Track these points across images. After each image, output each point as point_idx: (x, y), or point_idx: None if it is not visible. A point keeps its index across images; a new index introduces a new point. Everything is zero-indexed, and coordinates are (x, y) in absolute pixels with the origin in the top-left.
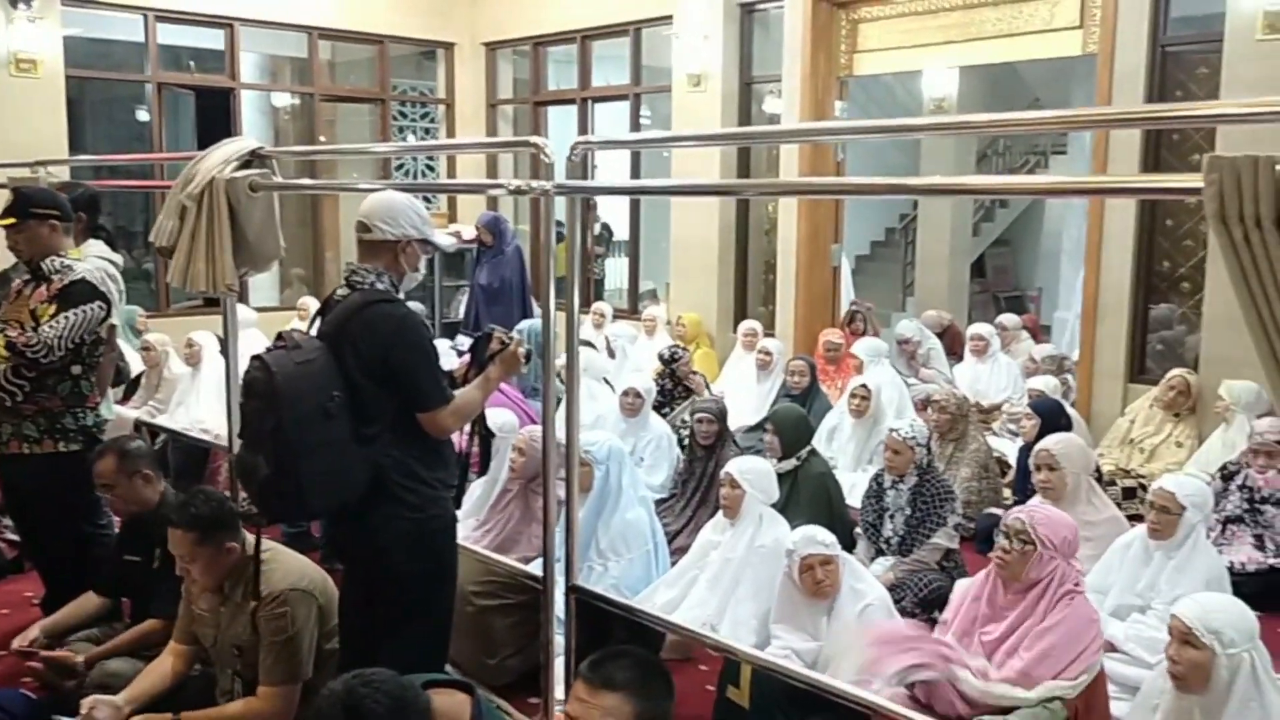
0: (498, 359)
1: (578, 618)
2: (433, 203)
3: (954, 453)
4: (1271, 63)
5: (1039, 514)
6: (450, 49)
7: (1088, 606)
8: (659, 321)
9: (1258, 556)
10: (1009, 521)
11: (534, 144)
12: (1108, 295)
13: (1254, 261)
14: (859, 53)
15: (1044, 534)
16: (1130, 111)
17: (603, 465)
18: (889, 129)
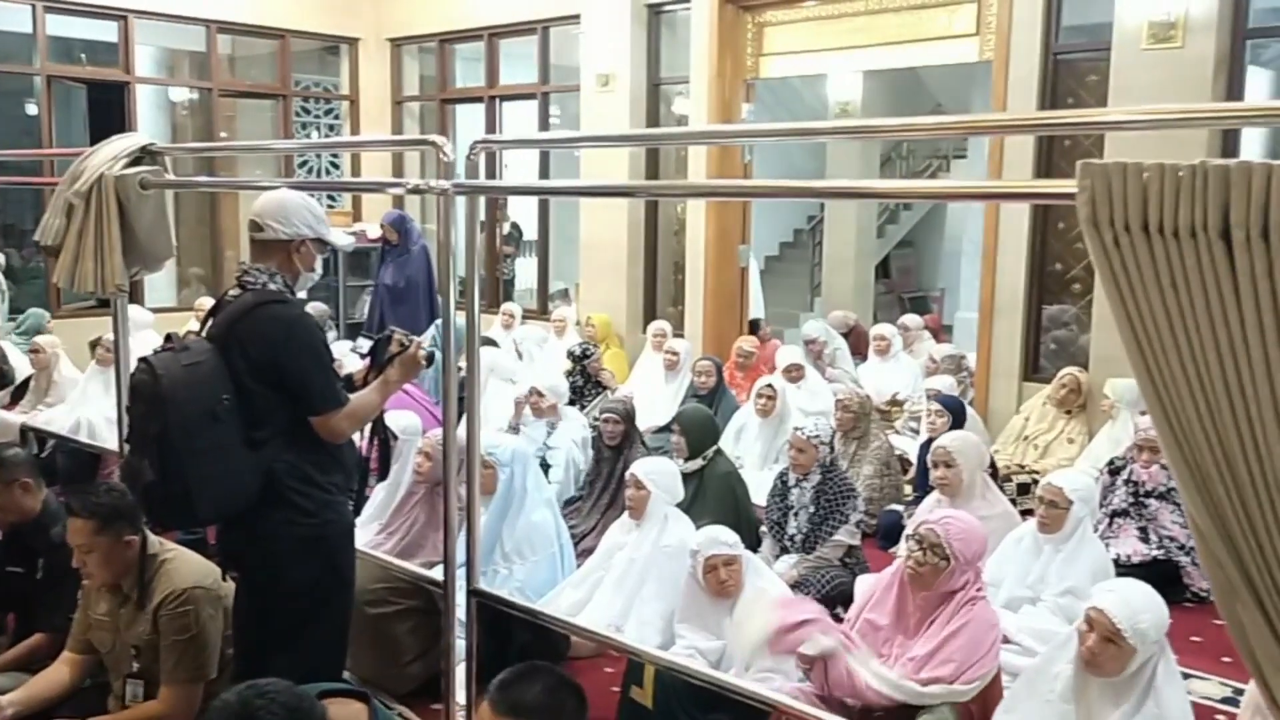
0: (397, 361)
1: (480, 622)
2: (337, 201)
3: (857, 451)
4: (1156, 71)
5: (954, 527)
6: (354, 44)
7: (989, 611)
8: (569, 322)
9: (1142, 548)
10: (923, 531)
11: (433, 142)
12: (1003, 296)
13: (1123, 264)
14: (765, 56)
15: (960, 549)
16: (1023, 118)
17: (507, 467)
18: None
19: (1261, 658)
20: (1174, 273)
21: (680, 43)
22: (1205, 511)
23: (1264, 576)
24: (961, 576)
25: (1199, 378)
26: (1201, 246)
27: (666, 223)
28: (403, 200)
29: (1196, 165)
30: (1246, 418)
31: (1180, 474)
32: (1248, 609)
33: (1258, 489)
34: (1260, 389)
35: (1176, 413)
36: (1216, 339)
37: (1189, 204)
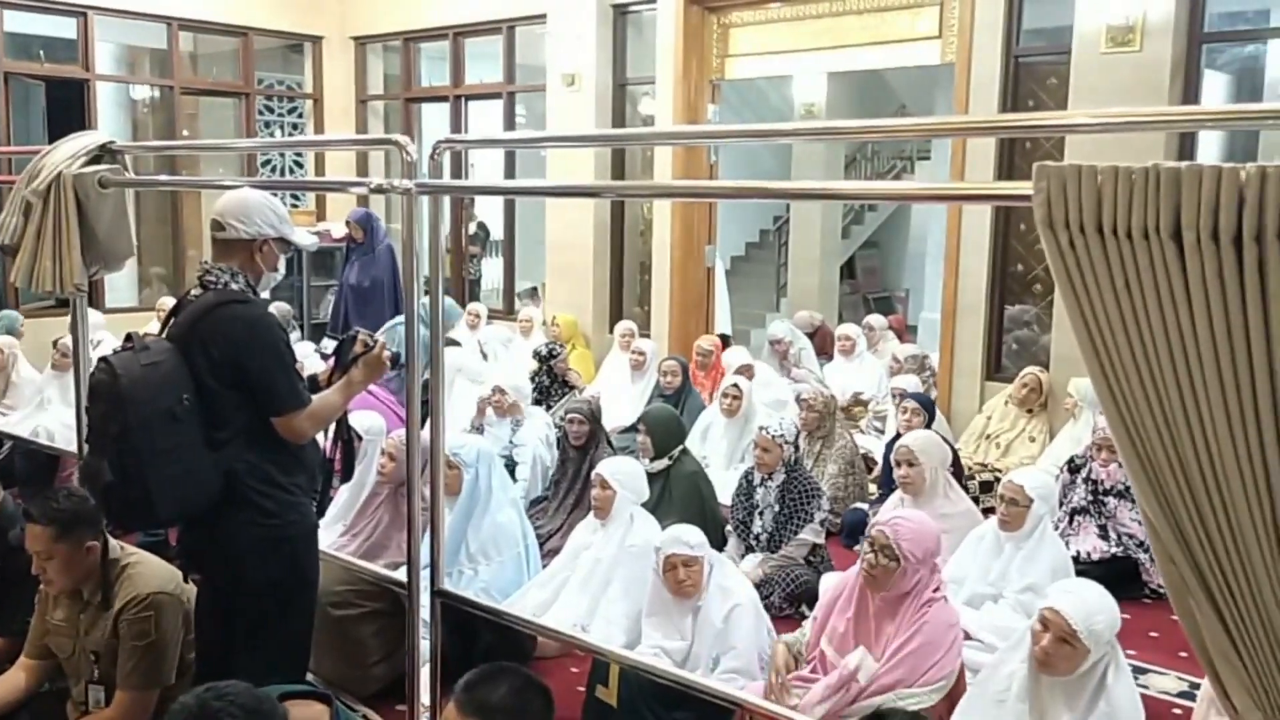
0: (361, 362)
1: (445, 623)
2: (301, 200)
3: (821, 450)
4: (1115, 74)
5: (904, 527)
6: (318, 43)
7: (947, 611)
8: (535, 322)
9: (1102, 546)
10: (874, 534)
11: (396, 142)
12: (966, 296)
13: (1077, 265)
14: (730, 57)
15: (908, 549)
16: (984, 120)
17: (472, 468)
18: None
19: (1213, 651)
20: (1127, 274)
21: (646, 43)
22: (1158, 508)
23: (1215, 572)
24: (914, 576)
25: (1152, 377)
26: (1154, 248)
27: (632, 223)
28: (367, 200)
29: (1149, 168)
30: (1198, 416)
31: (1134, 471)
32: (1200, 604)
33: (1209, 486)
34: (1211, 388)
35: (1130, 411)
36: (1169, 339)
37: (1141, 206)
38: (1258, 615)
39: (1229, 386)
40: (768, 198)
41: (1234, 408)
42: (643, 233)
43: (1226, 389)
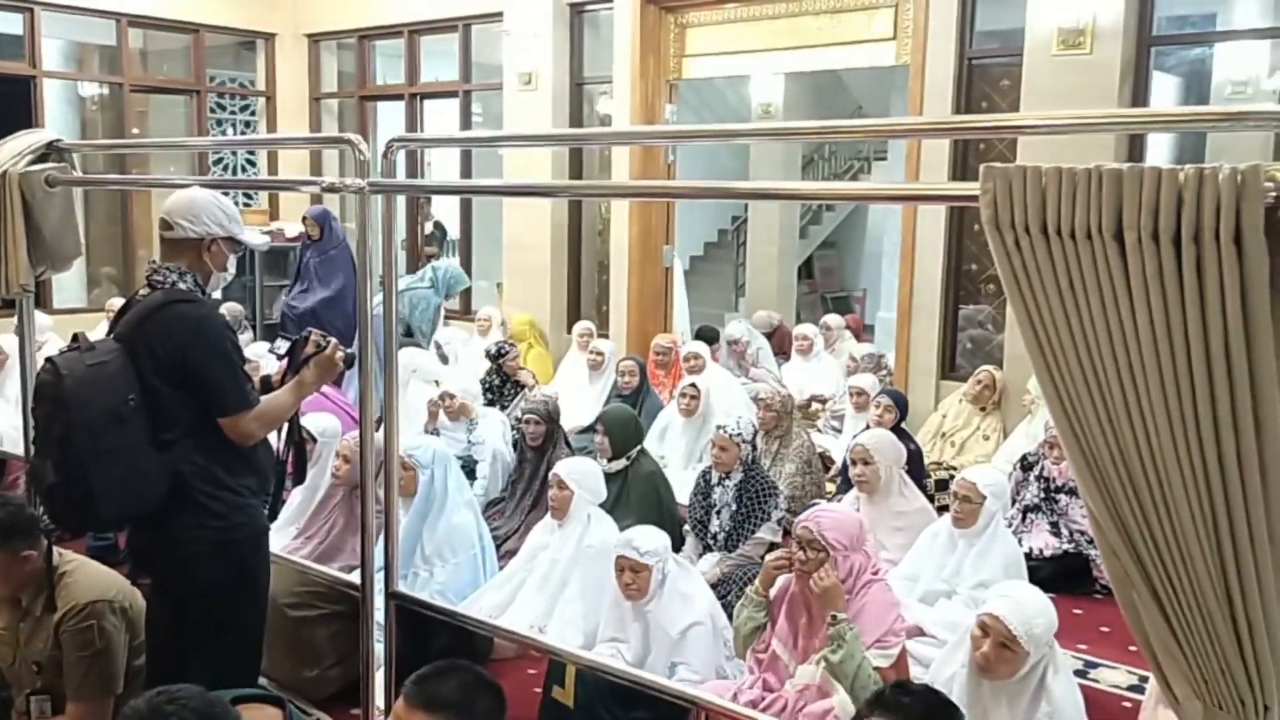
0: (313, 362)
1: (399, 625)
2: (253, 200)
3: (779, 449)
4: (1066, 77)
5: (825, 518)
6: (271, 40)
7: (887, 591)
8: (493, 322)
9: (1054, 542)
10: (798, 532)
11: (349, 140)
12: (921, 296)
13: (1023, 264)
14: (687, 56)
15: (833, 538)
16: (939, 122)
17: (427, 469)
18: (718, 134)
19: (1155, 643)
20: (1071, 273)
21: (603, 42)
22: (1102, 503)
23: (1157, 565)
24: (846, 563)
25: (1095, 374)
26: (1096, 248)
27: (590, 223)
28: (322, 200)
29: (1091, 169)
30: (1139, 412)
31: (1078, 467)
32: (1142, 597)
33: (1150, 481)
34: (1151, 384)
35: (1074, 408)
36: (1111, 337)
37: (1084, 207)
38: (1197, 608)
39: (1169, 383)
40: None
41: (1174, 403)
42: (601, 232)
43: (1166, 385)
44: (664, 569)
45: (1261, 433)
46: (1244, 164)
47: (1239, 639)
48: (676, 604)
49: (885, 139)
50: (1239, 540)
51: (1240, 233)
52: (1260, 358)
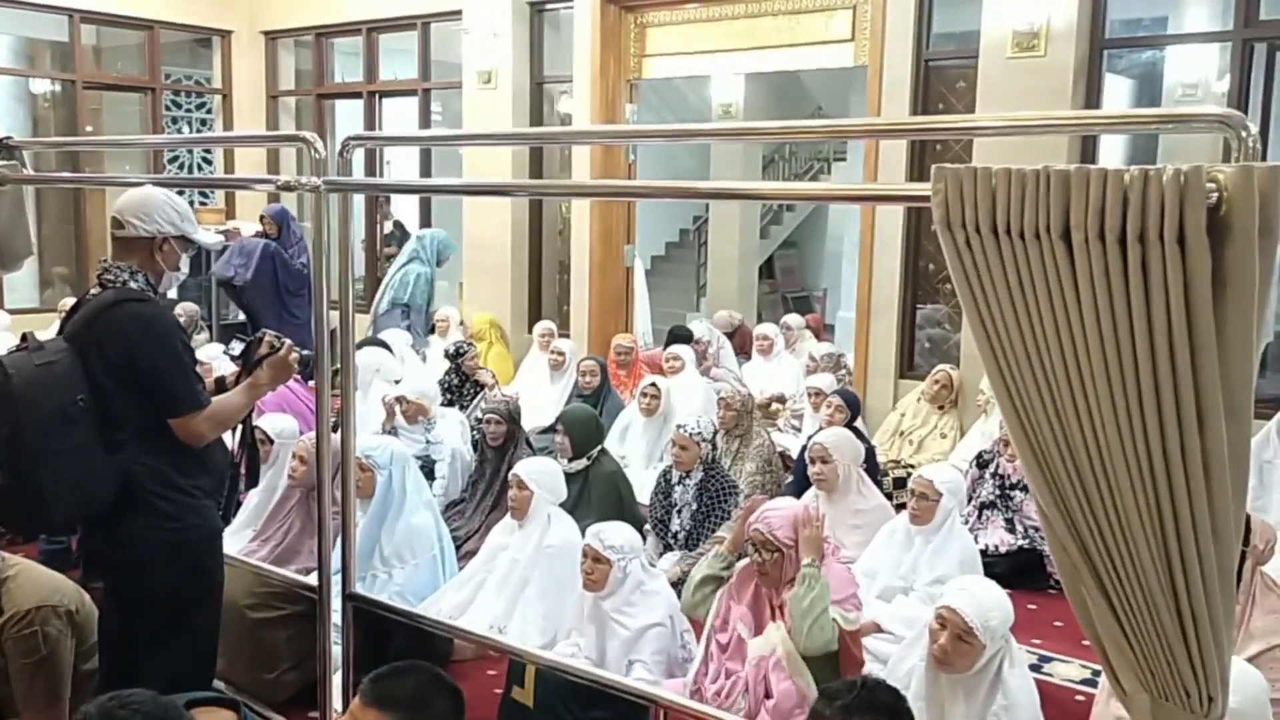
0: (266, 363)
1: (357, 627)
2: (210, 198)
3: (739, 448)
4: (1021, 79)
5: (773, 518)
6: (227, 37)
7: (846, 571)
8: (452, 322)
9: (1009, 539)
10: (751, 534)
11: (304, 138)
12: (880, 295)
13: (974, 264)
14: (648, 56)
15: (784, 536)
16: (896, 123)
17: (385, 470)
18: (678, 133)
19: (1103, 636)
20: (1020, 272)
21: (563, 41)
22: (1050, 498)
23: (1104, 559)
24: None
25: (1043, 371)
26: (1045, 247)
27: (551, 222)
28: (279, 197)
29: (1040, 170)
30: (1087, 408)
31: (1028, 463)
32: (1090, 591)
33: (1097, 476)
34: (1099, 382)
35: (1024, 404)
36: (1059, 335)
37: (1033, 207)
38: (1144, 601)
39: (1115, 380)
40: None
41: (1120, 400)
42: (561, 232)
43: (1113, 382)
44: (626, 567)
45: (1204, 429)
46: (1187, 165)
47: (1184, 631)
48: (637, 602)
49: (844, 139)
50: (1183, 534)
51: (1183, 233)
52: (1203, 355)
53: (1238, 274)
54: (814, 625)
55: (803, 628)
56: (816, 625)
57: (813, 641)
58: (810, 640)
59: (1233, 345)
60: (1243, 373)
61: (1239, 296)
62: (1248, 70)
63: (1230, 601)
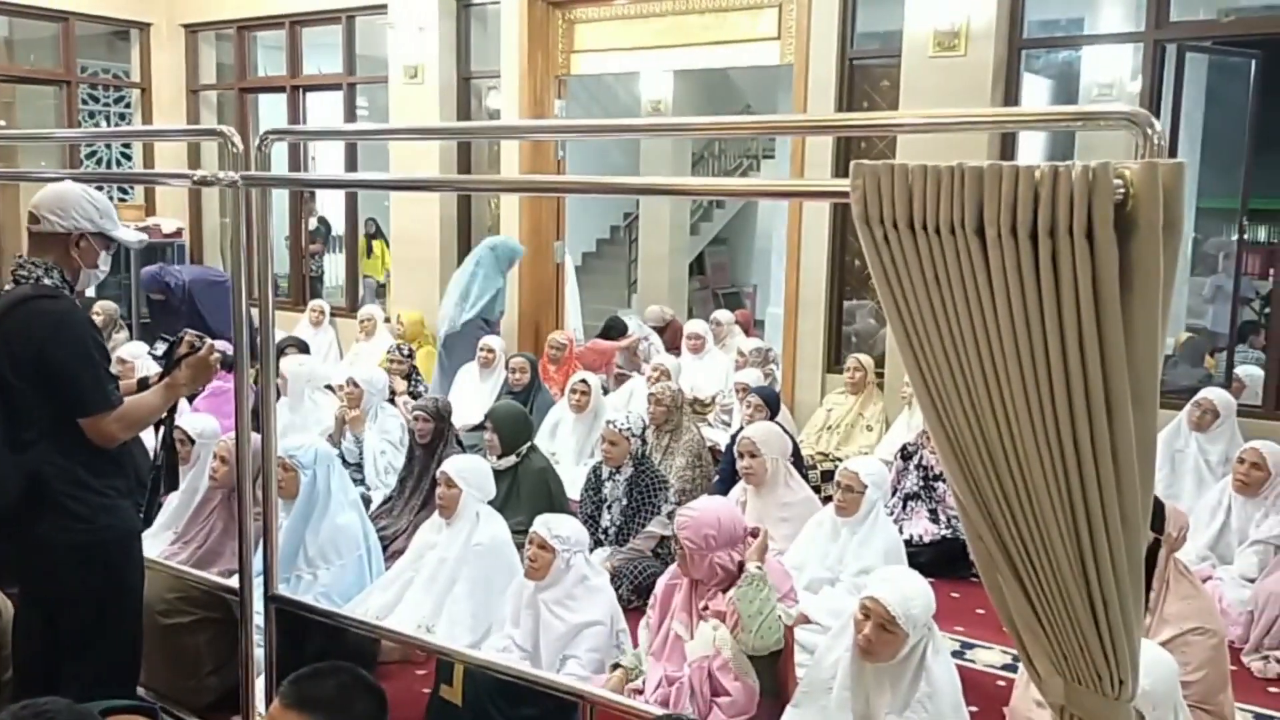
0: (185, 363)
1: (280, 629)
2: (129, 194)
3: (669, 443)
4: (942, 77)
5: (686, 526)
6: (145, 29)
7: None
8: (377, 321)
9: (932, 529)
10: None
11: (221, 132)
12: (807, 291)
13: (891, 258)
14: (576, 52)
15: (686, 536)
16: (821, 119)
17: (309, 470)
18: (606, 128)
19: (1018, 622)
20: (936, 267)
21: (491, 37)
22: (966, 488)
23: (1018, 546)
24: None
25: (959, 363)
26: (960, 242)
27: (480, 218)
28: (200, 194)
29: (954, 167)
30: (1000, 399)
31: (944, 453)
32: (1006, 578)
33: (1010, 465)
34: (1012, 373)
35: (940, 396)
36: (974, 328)
37: (948, 203)
38: (1057, 587)
39: (1027, 370)
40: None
41: (1032, 390)
42: (491, 228)
43: (1025, 373)
44: (570, 559)
45: (1113, 417)
46: (1095, 162)
47: (1095, 616)
48: (579, 597)
49: (770, 136)
50: (1094, 521)
51: (1091, 227)
52: (1111, 346)
53: (1143, 267)
54: (764, 626)
55: (753, 628)
56: (766, 626)
57: (763, 641)
58: (761, 640)
59: (1139, 337)
60: (1149, 363)
61: (1145, 289)
62: (1159, 70)
63: (1139, 587)
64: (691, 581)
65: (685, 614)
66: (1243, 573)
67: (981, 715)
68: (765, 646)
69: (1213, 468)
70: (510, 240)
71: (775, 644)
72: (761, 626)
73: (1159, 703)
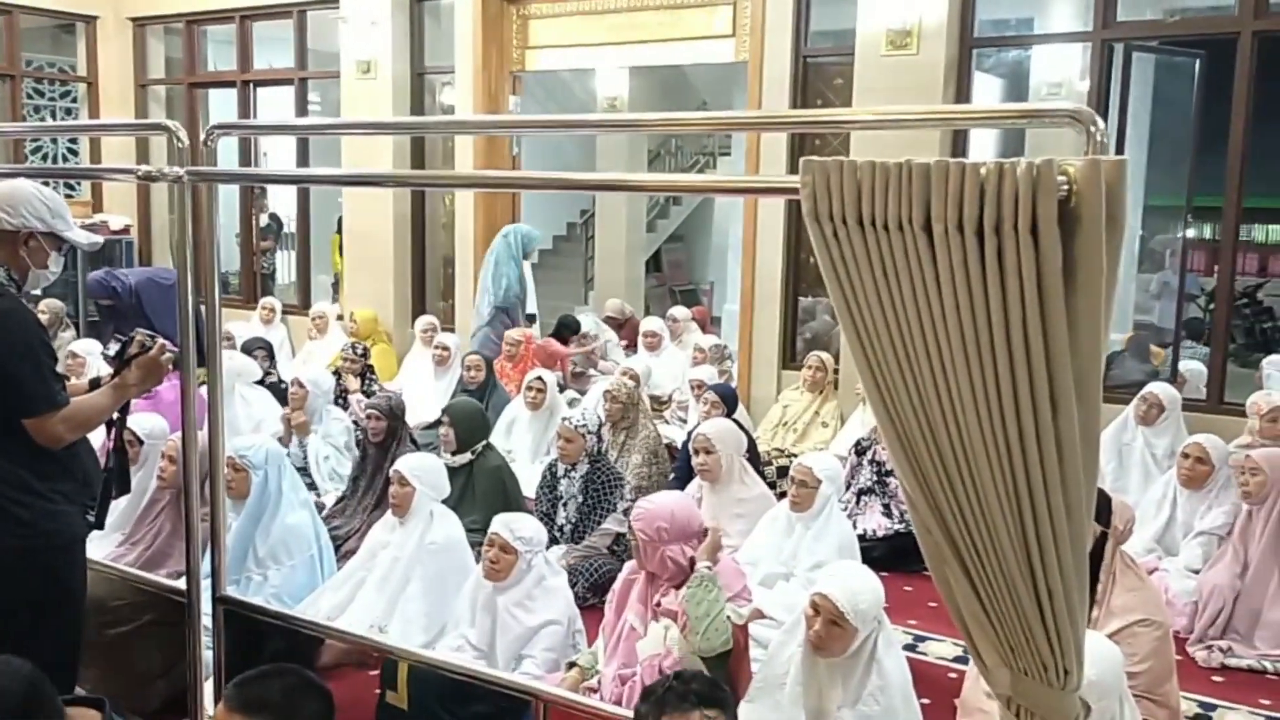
0: (135, 363)
1: (229, 631)
2: (76, 190)
3: (626, 440)
4: (895, 76)
5: (638, 520)
6: (92, 23)
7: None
8: (329, 319)
9: (886, 523)
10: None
11: (167, 127)
12: (763, 288)
13: (841, 254)
14: (531, 48)
15: (639, 528)
16: (775, 116)
17: (260, 470)
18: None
19: (966, 614)
20: (885, 262)
21: (445, 32)
22: (915, 482)
23: (965, 539)
24: (655, 555)
25: (907, 358)
26: (908, 238)
27: (434, 215)
28: (149, 190)
29: (902, 164)
30: (948, 394)
31: (893, 447)
32: (953, 570)
33: (958, 458)
34: (958, 367)
35: (889, 390)
36: (921, 322)
37: (896, 199)
38: (1003, 578)
39: (974, 365)
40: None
41: (978, 384)
42: (445, 225)
43: (972, 367)
44: (531, 560)
45: (1057, 411)
46: (1039, 159)
47: (1041, 607)
48: (537, 598)
49: (725, 132)
50: (1039, 513)
51: (1036, 223)
52: (1055, 341)
53: (1087, 263)
54: (710, 628)
55: (700, 629)
56: (713, 628)
57: (709, 644)
58: (707, 643)
59: (1083, 331)
60: (1092, 357)
61: (1088, 284)
62: (1107, 69)
63: (1083, 578)
64: (647, 575)
65: (641, 606)
66: (1188, 564)
67: (933, 707)
68: (712, 649)
69: (1159, 461)
70: (523, 227)
71: (723, 645)
72: (708, 629)
73: (1105, 693)
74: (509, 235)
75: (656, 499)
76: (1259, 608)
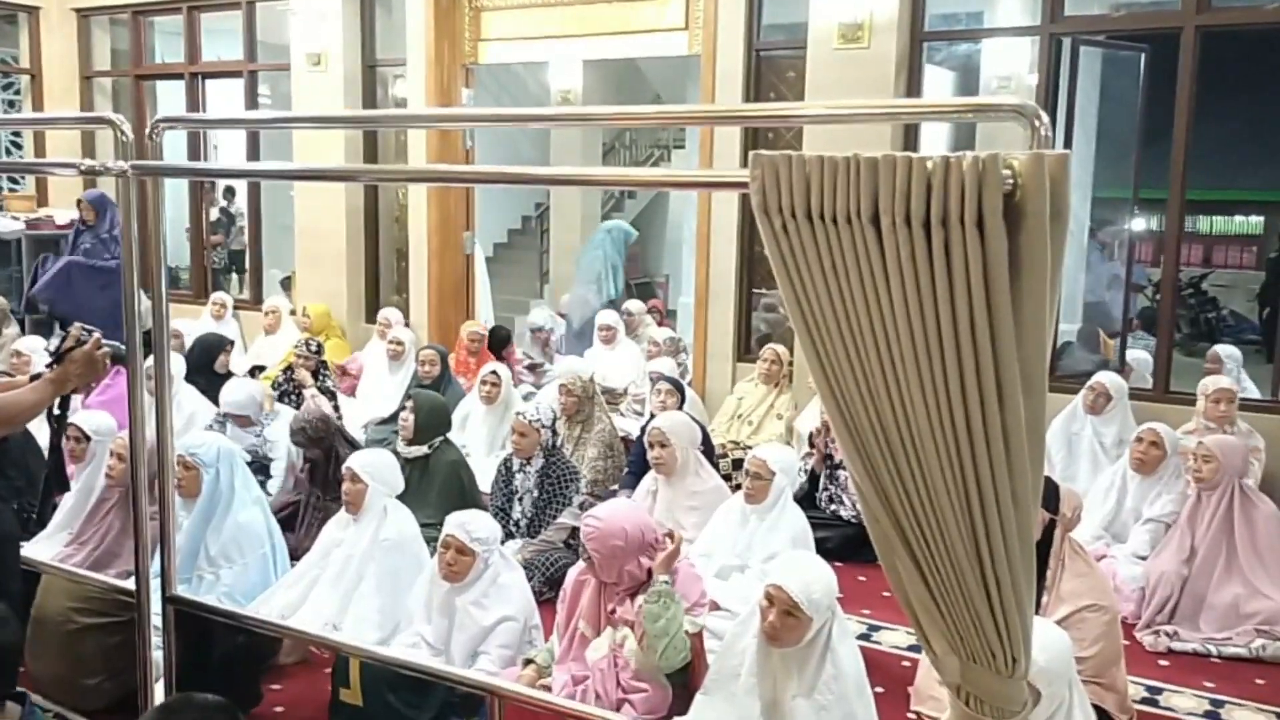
0: (68, 358)
1: (179, 631)
2: (21, 184)
3: (581, 434)
4: (846, 69)
5: (589, 530)
6: (34, 13)
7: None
8: (282, 314)
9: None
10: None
11: (110, 120)
12: (717, 281)
13: (790, 248)
14: (484, 41)
15: (594, 548)
16: (728, 110)
17: (211, 467)
18: (514, 118)
19: (915, 603)
20: (833, 255)
21: (396, 24)
22: (864, 471)
23: (914, 528)
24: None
25: (855, 349)
26: (856, 232)
27: (388, 209)
28: (96, 184)
29: (850, 158)
30: (896, 384)
31: (842, 438)
32: (902, 559)
33: (906, 448)
34: (906, 358)
35: (837, 382)
36: (870, 316)
37: (845, 193)
38: (951, 567)
39: (921, 356)
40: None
41: (926, 375)
42: (398, 219)
43: (919, 359)
44: (489, 560)
45: (1003, 402)
46: (985, 153)
47: (989, 596)
48: (492, 596)
49: (677, 126)
50: (986, 503)
51: (982, 217)
52: (1001, 332)
53: (1032, 256)
54: (669, 647)
55: (658, 647)
56: (671, 647)
57: (668, 662)
58: (666, 661)
59: (1028, 323)
60: (1038, 349)
61: (1033, 277)
62: (1055, 63)
63: (1030, 566)
64: (599, 581)
65: (594, 612)
66: (1135, 550)
67: (887, 695)
68: (671, 666)
69: (1107, 449)
70: (621, 223)
71: (682, 662)
72: (666, 648)
73: (1054, 678)
74: (611, 230)
75: (607, 514)
76: (1204, 593)
